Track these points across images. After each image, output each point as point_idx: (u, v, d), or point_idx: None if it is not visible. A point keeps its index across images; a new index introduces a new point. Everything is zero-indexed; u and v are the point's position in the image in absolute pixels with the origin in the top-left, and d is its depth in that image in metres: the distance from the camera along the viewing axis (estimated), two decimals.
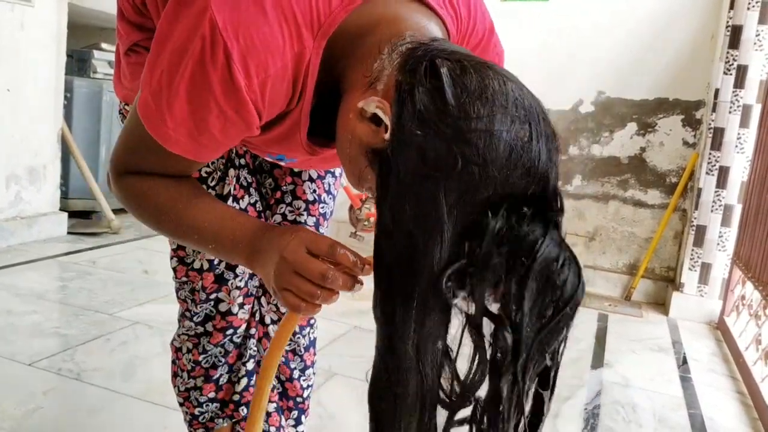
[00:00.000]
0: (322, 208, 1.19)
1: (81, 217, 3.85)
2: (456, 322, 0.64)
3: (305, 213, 1.17)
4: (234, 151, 1.08)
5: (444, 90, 0.61)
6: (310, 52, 0.72)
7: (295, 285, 0.70)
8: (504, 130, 0.60)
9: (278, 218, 1.16)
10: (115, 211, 3.81)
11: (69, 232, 3.58)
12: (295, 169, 1.15)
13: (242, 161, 1.09)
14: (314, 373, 1.28)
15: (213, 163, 1.07)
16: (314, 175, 1.17)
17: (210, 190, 1.07)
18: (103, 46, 4.04)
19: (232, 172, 1.07)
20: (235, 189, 1.08)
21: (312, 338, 1.26)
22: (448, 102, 0.61)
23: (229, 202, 1.08)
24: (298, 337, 1.22)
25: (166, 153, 0.76)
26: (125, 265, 3.15)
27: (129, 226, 3.86)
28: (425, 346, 0.63)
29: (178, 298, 1.15)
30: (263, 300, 1.19)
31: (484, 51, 0.89)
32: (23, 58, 3.21)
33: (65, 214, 3.59)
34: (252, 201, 1.12)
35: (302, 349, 1.23)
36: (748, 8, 2.88)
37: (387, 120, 0.65)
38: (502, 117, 0.60)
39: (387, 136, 0.64)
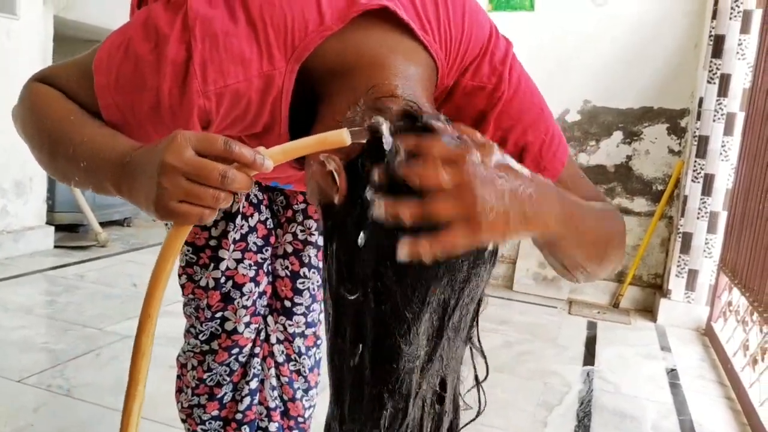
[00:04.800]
0: None
1: (68, 231, 3.82)
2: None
3: (316, 233, 1.16)
4: None
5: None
6: (282, 75, 0.71)
7: (194, 193, 0.60)
8: None
9: (289, 237, 1.15)
10: (103, 225, 3.79)
11: (56, 246, 3.55)
12: None
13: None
14: (317, 393, 1.27)
15: None
16: None
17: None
18: None
19: None
20: (244, 207, 1.08)
21: (317, 358, 1.25)
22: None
23: (238, 220, 1.08)
24: (304, 358, 1.21)
25: (94, 100, 0.74)
26: (113, 278, 3.13)
27: (116, 239, 3.84)
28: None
29: (185, 313, 1.16)
30: (270, 319, 1.18)
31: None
32: (8, 70, 3.19)
33: (52, 228, 3.57)
34: (262, 218, 1.12)
35: (307, 370, 1.22)
36: (731, 18, 2.93)
37: (340, 185, 0.62)
38: None
39: (336, 200, 0.62)
